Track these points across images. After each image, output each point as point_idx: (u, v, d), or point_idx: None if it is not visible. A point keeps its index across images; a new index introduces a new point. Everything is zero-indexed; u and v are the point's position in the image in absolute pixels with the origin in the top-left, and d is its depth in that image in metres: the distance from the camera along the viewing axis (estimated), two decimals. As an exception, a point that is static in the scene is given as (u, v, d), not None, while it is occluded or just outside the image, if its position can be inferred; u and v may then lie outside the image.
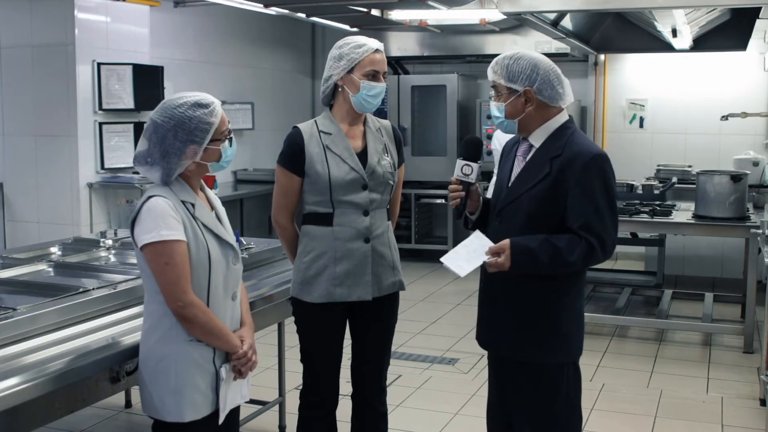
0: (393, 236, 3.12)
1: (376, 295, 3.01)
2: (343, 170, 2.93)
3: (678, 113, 8.31)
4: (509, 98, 2.58)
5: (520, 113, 2.59)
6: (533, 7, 4.85)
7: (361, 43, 2.94)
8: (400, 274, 3.11)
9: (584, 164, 2.51)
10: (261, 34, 8.58)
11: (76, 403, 2.62)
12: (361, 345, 3.14)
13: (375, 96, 2.94)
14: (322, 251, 2.96)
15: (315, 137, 2.96)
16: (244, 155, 8.32)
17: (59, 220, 5.94)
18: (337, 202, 2.94)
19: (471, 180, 2.66)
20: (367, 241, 2.96)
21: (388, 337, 3.17)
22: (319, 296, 2.97)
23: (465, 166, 2.66)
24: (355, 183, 2.94)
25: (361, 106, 2.96)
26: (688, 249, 7.56)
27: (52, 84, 5.87)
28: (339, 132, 2.97)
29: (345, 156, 2.94)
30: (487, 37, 8.38)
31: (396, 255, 3.11)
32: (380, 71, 2.96)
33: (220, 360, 2.46)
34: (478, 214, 2.76)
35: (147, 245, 2.33)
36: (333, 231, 2.95)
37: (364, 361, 3.14)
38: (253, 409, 3.92)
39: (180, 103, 2.39)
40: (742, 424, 4.26)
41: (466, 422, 4.25)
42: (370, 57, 2.93)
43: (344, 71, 2.93)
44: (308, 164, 2.93)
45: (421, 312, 6.56)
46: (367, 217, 2.96)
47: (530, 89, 2.56)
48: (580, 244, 2.48)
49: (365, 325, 3.11)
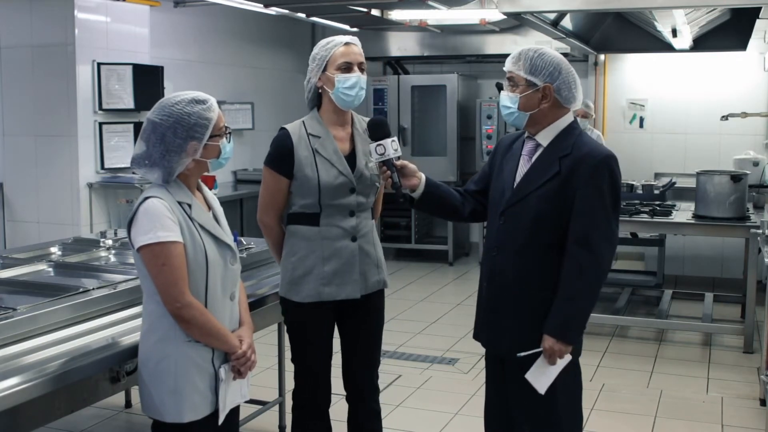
0: (377, 235, 3.13)
1: (364, 293, 3.01)
2: (332, 174, 2.92)
3: (678, 113, 8.30)
4: (526, 90, 2.57)
5: (534, 108, 2.58)
6: (533, 7, 4.85)
7: (330, 40, 2.96)
8: (384, 272, 3.12)
9: (595, 165, 2.52)
10: (261, 34, 8.58)
11: (76, 403, 2.62)
12: (350, 344, 3.13)
13: (351, 87, 2.91)
14: (310, 251, 2.95)
15: (304, 140, 2.95)
16: (244, 155, 8.32)
17: (59, 220, 5.94)
18: (324, 205, 2.94)
19: (389, 156, 2.67)
20: (354, 240, 2.97)
21: (377, 335, 3.17)
22: (308, 296, 2.96)
23: (377, 146, 2.68)
24: (344, 187, 2.94)
25: (341, 102, 2.95)
26: (688, 249, 7.57)
27: (52, 84, 5.87)
28: (327, 135, 2.96)
29: (334, 160, 2.93)
30: (487, 37, 8.37)
31: (380, 253, 3.12)
32: (353, 62, 2.93)
33: (219, 360, 2.46)
34: (422, 190, 2.74)
35: (144, 247, 2.33)
36: (320, 231, 2.95)
37: (355, 360, 3.14)
38: (253, 409, 3.92)
39: (177, 101, 2.40)
40: (742, 424, 4.26)
41: (466, 422, 4.25)
42: (339, 50, 2.93)
43: (320, 70, 2.95)
44: (297, 167, 2.92)
45: (421, 312, 6.56)
46: (353, 217, 2.97)
47: (550, 86, 2.56)
48: (576, 270, 2.51)
49: (354, 324, 3.11)
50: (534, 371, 2.56)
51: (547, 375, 2.56)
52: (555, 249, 2.56)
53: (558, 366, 2.56)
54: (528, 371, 2.56)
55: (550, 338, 2.52)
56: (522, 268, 2.60)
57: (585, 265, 2.51)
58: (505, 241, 2.63)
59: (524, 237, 2.59)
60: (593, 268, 2.53)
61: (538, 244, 2.58)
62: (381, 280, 3.10)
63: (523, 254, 2.60)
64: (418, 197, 2.75)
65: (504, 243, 2.63)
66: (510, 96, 2.61)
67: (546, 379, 2.56)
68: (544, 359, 2.55)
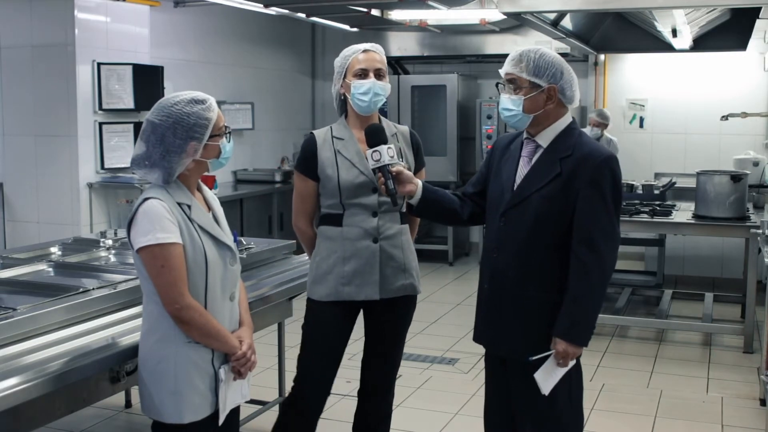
0: (409, 239, 3.14)
1: (384, 296, 3.02)
2: (352, 174, 2.97)
3: (678, 113, 8.31)
4: (530, 92, 2.56)
5: (538, 109, 2.58)
6: (533, 7, 4.85)
7: (351, 48, 3.02)
8: (414, 277, 3.12)
9: (597, 166, 2.53)
10: (261, 34, 8.58)
11: (76, 403, 2.63)
12: (371, 344, 3.18)
13: (364, 93, 2.95)
14: (332, 251, 3.01)
15: (328, 142, 3.02)
16: (244, 155, 8.32)
17: (59, 220, 5.94)
18: (347, 205, 2.99)
19: (384, 162, 2.67)
20: (375, 241, 2.99)
21: (398, 340, 3.19)
22: (327, 294, 3.01)
23: (373, 152, 2.69)
24: (365, 186, 2.98)
25: (357, 107, 2.99)
26: (688, 249, 7.57)
27: (52, 84, 5.87)
28: (351, 137, 3.02)
29: (355, 160, 2.98)
30: (487, 37, 8.37)
31: (410, 258, 3.12)
32: (369, 69, 2.98)
33: (218, 361, 2.46)
34: (419, 197, 2.74)
35: (143, 248, 2.33)
36: (342, 231, 3.00)
37: (374, 359, 3.17)
38: (253, 409, 3.92)
39: (176, 101, 2.39)
40: (742, 424, 4.26)
41: (466, 422, 4.25)
42: (357, 57, 2.99)
43: (341, 78, 3.01)
44: (320, 168, 3.00)
45: (421, 312, 6.49)
46: (376, 218, 3.00)
47: (555, 87, 2.56)
48: (581, 271, 2.51)
49: (376, 326, 3.14)
50: (543, 372, 2.56)
51: (553, 376, 2.57)
52: (556, 250, 2.56)
53: (566, 368, 2.57)
54: (537, 371, 2.56)
55: (562, 342, 2.52)
56: (523, 268, 2.60)
57: (590, 265, 2.51)
58: (506, 242, 2.63)
59: (525, 238, 2.59)
60: (598, 269, 2.53)
61: (539, 244, 2.58)
62: (408, 285, 3.10)
63: (524, 255, 2.59)
64: (416, 203, 2.76)
65: (504, 244, 2.63)
66: (512, 98, 2.58)
67: (552, 380, 2.57)
68: (553, 361, 2.55)
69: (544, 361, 2.56)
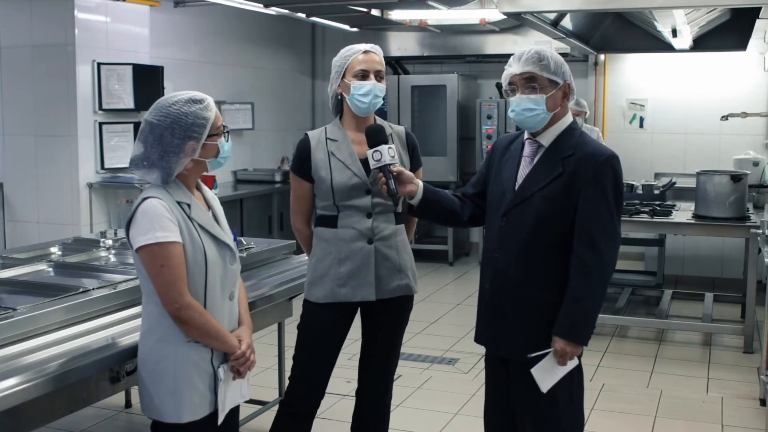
0: (405, 240, 3.13)
1: (381, 296, 3.02)
2: (345, 176, 2.97)
3: (678, 113, 8.31)
4: (551, 90, 2.57)
5: (557, 107, 2.60)
6: (533, 7, 4.85)
7: (350, 48, 3.01)
8: (409, 277, 3.11)
9: (599, 165, 2.53)
10: (261, 34, 8.58)
11: (76, 403, 2.63)
12: (368, 344, 3.17)
13: (365, 95, 2.96)
14: (327, 252, 3.01)
15: (322, 143, 3.02)
16: (244, 155, 8.32)
17: (59, 220, 5.94)
18: (341, 206, 2.99)
19: (385, 162, 2.69)
20: (370, 242, 2.99)
21: (394, 340, 3.18)
22: (324, 296, 3.01)
23: (374, 152, 2.71)
24: (358, 188, 2.98)
25: (356, 108, 2.99)
26: (688, 249, 7.56)
27: (52, 84, 5.87)
28: (345, 138, 3.02)
29: (348, 162, 2.98)
30: (487, 37, 8.37)
31: (406, 258, 3.11)
32: (369, 70, 2.98)
33: (218, 360, 2.46)
34: (419, 197, 2.75)
35: (142, 247, 2.33)
36: (337, 233, 3.00)
37: (371, 360, 3.17)
38: (253, 409, 3.92)
39: (174, 101, 2.39)
40: (742, 424, 4.26)
41: (466, 422, 4.25)
42: (357, 58, 2.99)
43: (339, 77, 3.00)
44: (314, 170, 3.00)
45: (421, 312, 6.55)
46: (370, 219, 2.99)
47: (569, 84, 2.59)
48: (582, 271, 2.52)
49: (373, 327, 3.14)
50: (540, 368, 2.56)
51: (552, 375, 2.57)
52: (557, 249, 2.57)
53: (566, 368, 2.57)
54: (534, 367, 2.56)
55: (561, 340, 2.53)
56: (524, 268, 2.60)
57: (591, 265, 2.52)
58: (507, 242, 2.63)
59: (527, 238, 2.59)
60: (599, 268, 2.53)
61: (540, 244, 2.58)
62: (404, 286, 3.09)
63: (526, 255, 2.60)
64: (416, 204, 2.76)
65: (506, 244, 2.63)
66: (532, 98, 2.56)
67: (551, 378, 2.57)
68: (552, 358, 2.55)
69: (543, 358, 2.56)
